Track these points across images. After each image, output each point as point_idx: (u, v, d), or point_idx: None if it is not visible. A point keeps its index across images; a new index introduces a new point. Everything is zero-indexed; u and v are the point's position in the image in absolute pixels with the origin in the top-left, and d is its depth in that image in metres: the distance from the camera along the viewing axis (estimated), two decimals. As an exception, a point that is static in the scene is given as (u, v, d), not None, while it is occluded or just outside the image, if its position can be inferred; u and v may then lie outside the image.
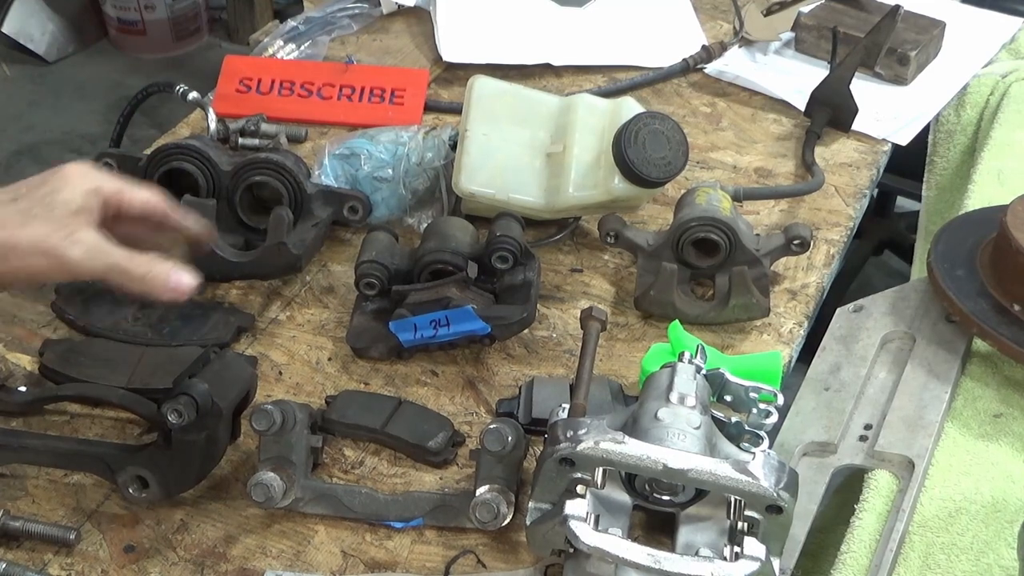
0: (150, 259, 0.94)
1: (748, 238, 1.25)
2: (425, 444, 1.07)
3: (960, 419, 1.12)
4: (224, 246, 1.25)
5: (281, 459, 1.01)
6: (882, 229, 2.81)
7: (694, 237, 1.23)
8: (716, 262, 1.24)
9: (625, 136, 1.25)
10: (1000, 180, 1.43)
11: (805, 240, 1.25)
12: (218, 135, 1.47)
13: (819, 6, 1.74)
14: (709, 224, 1.22)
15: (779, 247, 1.26)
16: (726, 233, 1.22)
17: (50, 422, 1.12)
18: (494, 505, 0.98)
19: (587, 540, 0.86)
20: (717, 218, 1.22)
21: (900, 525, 1.00)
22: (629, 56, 1.72)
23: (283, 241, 1.24)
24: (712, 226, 1.22)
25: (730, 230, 1.22)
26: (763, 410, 1.00)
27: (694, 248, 1.24)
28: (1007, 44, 1.73)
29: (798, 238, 1.25)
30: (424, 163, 1.35)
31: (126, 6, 3.85)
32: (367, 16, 1.81)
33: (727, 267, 1.24)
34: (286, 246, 1.24)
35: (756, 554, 0.86)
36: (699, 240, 1.23)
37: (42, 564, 0.99)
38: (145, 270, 0.93)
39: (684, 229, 1.23)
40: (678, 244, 1.24)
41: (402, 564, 1.00)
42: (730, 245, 1.22)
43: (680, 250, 1.24)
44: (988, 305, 1.16)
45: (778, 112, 1.62)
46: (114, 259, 0.93)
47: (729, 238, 1.22)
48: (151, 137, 1.61)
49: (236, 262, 1.25)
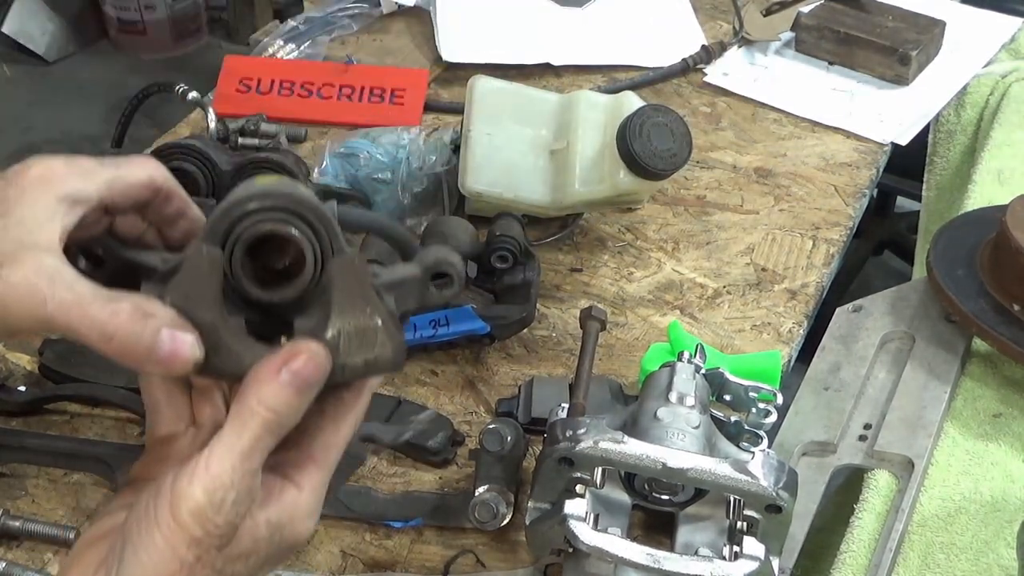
0: (128, 307, 0.60)
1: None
2: (425, 444, 1.07)
3: (960, 419, 1.12)
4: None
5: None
6: (882, 229, 2.81)
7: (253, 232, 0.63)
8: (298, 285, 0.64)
9: (630, 130, 1.24)
10: (1000, 180, 1.43)
11: (452, 273, 0.67)
12: (218, 135, 1.47)
13: (819, 6, 1.74)
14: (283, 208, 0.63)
15: (411, 280, 0.67)
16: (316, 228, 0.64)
17: (50, 422, 1.12)
18: (493, 505, 0.98)
19: (586, 540, 0.86)
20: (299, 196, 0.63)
21: (899, 525, 1.00)
22: (629, 56, 1.72)
23: (283, 241, 1.24)
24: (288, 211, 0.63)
25: (325, 224, 0.64)
26: (762, 409, 1.00)
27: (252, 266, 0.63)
28: (1007, 44, 1.73)
29: (443, 271, 0.68)
30: (426, 167, 1.35)
31: (126, 6, 3.85)
32: (367, 16, 1.81)
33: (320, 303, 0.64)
34: (286, 246, 1.24)
35: (755, 553, 0.86)
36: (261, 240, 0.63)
37: (42, 564, 0.99)
38: (112, 332, 0.59)
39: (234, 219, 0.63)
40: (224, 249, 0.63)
41: (401, 564, 1.00)
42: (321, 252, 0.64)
43: (230, 264, 0.63)
44: (988, 305, 1.16)
45: (778, 112, 1.62)
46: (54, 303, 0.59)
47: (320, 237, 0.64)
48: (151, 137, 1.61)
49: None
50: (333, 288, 0.62)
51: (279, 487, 0.63)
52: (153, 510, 0.59)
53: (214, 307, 0.61)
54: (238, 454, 0.59)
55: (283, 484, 0.63)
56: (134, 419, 1.11)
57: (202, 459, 0.59)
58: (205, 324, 0.61)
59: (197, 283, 0.61)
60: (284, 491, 0.63)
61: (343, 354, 0.62)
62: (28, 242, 0.60)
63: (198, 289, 0.61)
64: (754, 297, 1.29)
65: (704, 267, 1.34)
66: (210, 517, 0.58)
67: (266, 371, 0.60)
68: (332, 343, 0.61)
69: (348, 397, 0.65)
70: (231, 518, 0.59)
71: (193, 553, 0.58)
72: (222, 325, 0.61)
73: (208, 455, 0.59)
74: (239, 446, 0.59)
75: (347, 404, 0.65)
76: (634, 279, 1.32)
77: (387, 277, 0.66)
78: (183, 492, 0.58)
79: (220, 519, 0.59)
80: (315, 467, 0.64)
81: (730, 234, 1.39)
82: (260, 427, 0.60)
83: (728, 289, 1.31)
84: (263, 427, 0.60)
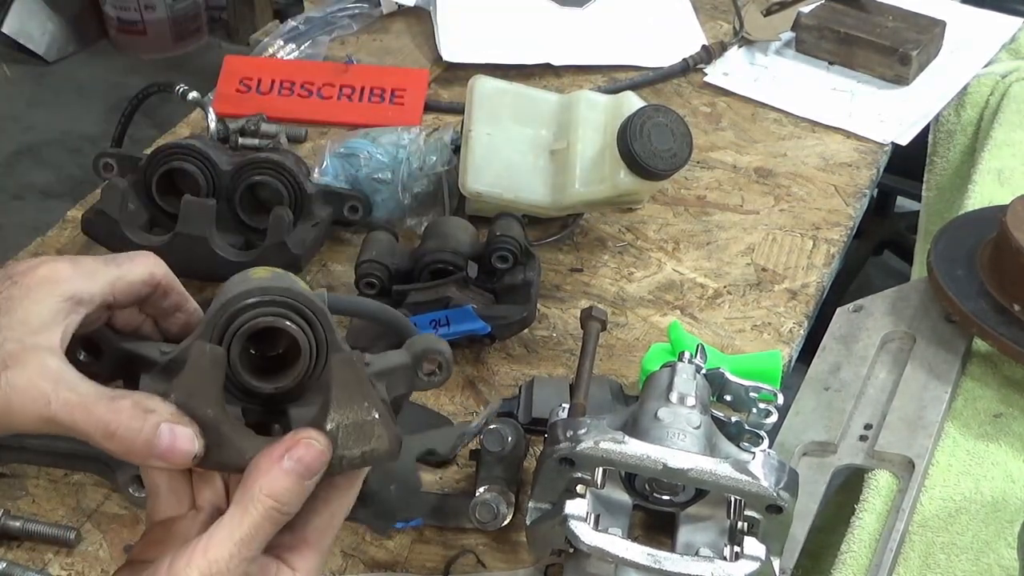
0: (129, 405, 0.62)
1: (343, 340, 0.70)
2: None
3: (960, 419, 1.12)
4: (224, 246, 1.25)
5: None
6: (882, 229, 2.81)
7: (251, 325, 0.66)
8: (293, 376, 0.68)
9: (630, 130, 1.24)
10: (1000, 180, 1.43)
11: (441, 361, 0.72)
12: (218, 135, 1.47)
13: (819, 6, 1.74)
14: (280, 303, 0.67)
15: (401, 368, 0.71)
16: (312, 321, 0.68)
17: (50, 422, 1.12)
18: (494, 505, 0.98)
19: (587, 540, 0.86)
20: (296, 292, 0.67)
21: (900, 525, 1.00)
22: (629, 56, 1.72)
23: (283, 241, 1.24)
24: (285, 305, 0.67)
25: (320, 317, 0.68)
26: (763, 410, 1.00)
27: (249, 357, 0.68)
28: (1007, 44, 1.73)
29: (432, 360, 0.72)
30: (426, 167, 1.35)
31: (126, 6, 3.85)
32: (367, 16, 1.81)
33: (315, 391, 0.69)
34: (286, 246, 1.24)
35: (756, 554, 0.86)
36: (261, 337, 0.68)
37: (42, 564, 0.99)
38: (114, 430, 0.61)
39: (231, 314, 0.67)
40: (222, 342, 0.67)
41: (402, 564, 1.00)
42: (316, 344, 0.68)
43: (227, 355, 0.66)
44: (988, 305, 1.16)
45: (778, 112, 1.62)
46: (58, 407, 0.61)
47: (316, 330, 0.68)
48: (151, 137, 1.61)
49: (236, 262, 1.25)
50: (332, 383, 0.65)
51: (275, 570, 0.65)
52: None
53: (216, 403, 0.64)
54: (237, 541, 0.61)
55: (279, 567, 0.65)
56: (134, 419, 1.11)
57: (201, 543, 0.61)
58: (208, 420, 0.63)
59: (200, 381, 0.64)
60: (279, 574, 0.65)
61: (341, 447, 0.65)
62: (31, 343, 0.62)
63: (201, 387, 0.64)
64: (754, 297, 1.29)
65: (704, 267, 1.34)
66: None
67: (268, 459, 0.63)
68: (331, 436, 0.64)
69: (342, 483, 0.68)
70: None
71: None
72: (224, 420, 0.64)
73: (208, 540, 0.61)
74: (239, 533, 0.61)
75: (341, 490, 0.68)
76: (634, 279, 1.32)
77: (378, 366, 0.70)
78: (180, 575, 0.60)
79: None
80: (310, 551, 0.66)
81: (730, 234, 1.39)
82: (261, 516, 0.62)
83: (728, 289, 1.31)
84: (264, 516, 0.62)
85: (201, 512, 0.68)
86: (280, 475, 0.62)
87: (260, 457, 0.63)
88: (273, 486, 0.62)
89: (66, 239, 1.35)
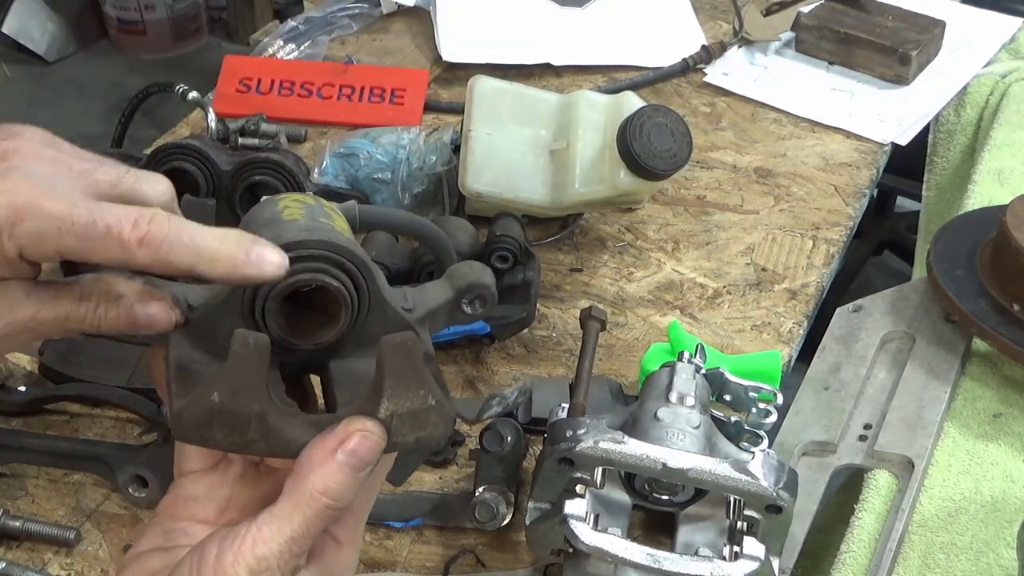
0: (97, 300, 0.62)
1: (388, 289, 0.65)
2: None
3: (960, 419, 1.12)
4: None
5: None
6: (882, 229, 2.81)
7: (290, 285, 0.61)
8: (334, 333, 0.63)
9: (630, 130, 1.24)
10: (1000, 180, 1.43)
11: (485, 295, 0.69)
12: (218, 135, 1.47)
13: (819, 6, 1.74)
14: (320, 257, 0.62)
15: (444, 305, 0.68)
16: (353, 274, 0.63)
17: (50, 422, 1.12)
18: (493, 505, 0.98)
19: (587, 540, 0.86)
20: (337, 245, 0.62)
21: (900, 525, 1.00)
22: (629, 56, 1.72)
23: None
24: (325, 259, 0.62)
25: (362, 268, 0.63)
26: (763, 409, 1.00)
27: (286, 309, 0.62)
28: (1007, 44, 1.73)
29: (476, 294, 0.69)
30: (426, 167, 1.35)
31: (126, 6, 3.85)
32: (367, 16, 1.81)
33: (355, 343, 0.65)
34: (286, 246, 1.24)
35: (755, 553, 0.86)
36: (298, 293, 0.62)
37: (42, 564, 0.99)
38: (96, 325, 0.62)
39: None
40: (254, 304, 0.62)
41: (402, 564, 1.00)
42: (358, 298, 0.63)
43: (261, 315, 0.62)
44: (988, 305, 1.16)
45: (778, 112, 1.62)
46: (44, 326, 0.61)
47: (357, 283, 0.63)
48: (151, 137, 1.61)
49: (236, 262, 1.25)
50: (385, 369, 0.60)
51: (320, 544, 0.62)
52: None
53: (263, 395, 0.60)
54: (288, 539, 0.58)
55: (323, 540, 0.62)
56: (134, 419, 1.11)
57: (249, 537, 0.58)
58: (255, 415, 0.59)
59: (246, 377, 0.59)
60: (325, 548, 0.62)
61: (395, 434, 0.61)
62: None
63: (247, 383, 0.59)
64: (754, 297, 1.30)
65: (704, 267, 1.34)
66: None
67: (322, 452, 0.59)
68: (385, 423, 0.61)
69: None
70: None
71: None
72: (271, 410, 0.60)
73: (257, 533, 0.58)
74: (289, 530, 0.59)
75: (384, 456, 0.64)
76: (634, 279, 1.32)
77: (421, 309, 0.66)
78: (227, 571, 0.57)
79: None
80: (355, 520, 0.64)
81: (730, 234, 1.39)
82: (314, 513, 0.59)
83: (728, 289, 1.31)
84: (318, 514, 0.59)
85: (232, 466, 0.66)
86: (334, 470, 0.59)
87: (313, 449, 0.59)
88: (328, 483, 0.59)
89: (66, 239, 1.35)
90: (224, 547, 0.58)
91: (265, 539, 0.58)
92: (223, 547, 0.58)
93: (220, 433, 0.59)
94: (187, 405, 0.59)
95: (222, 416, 0.59)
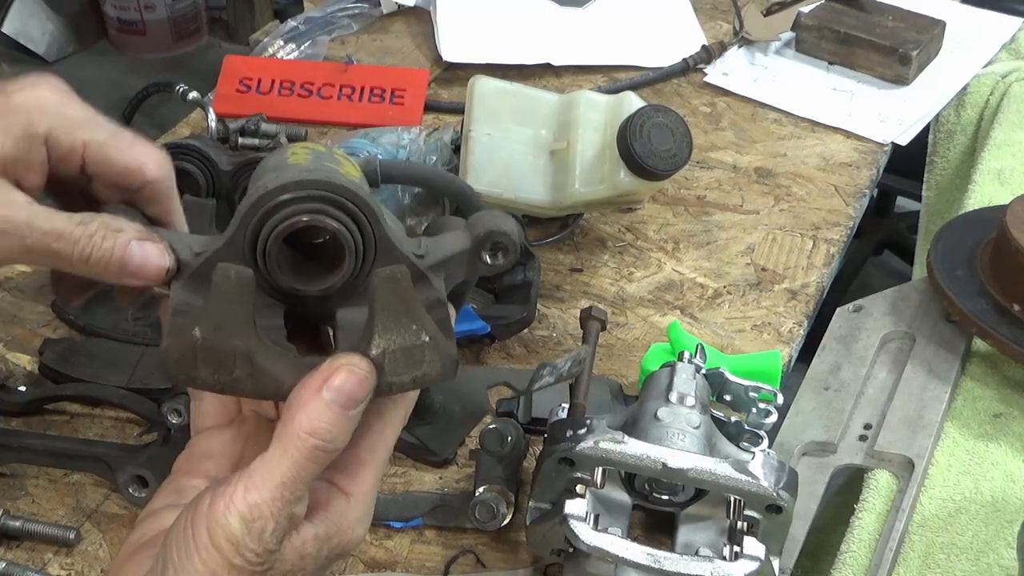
0: (97, 227, 0.62)
1: (399, 234, 0.63)
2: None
3: (960, 419, 1.12)
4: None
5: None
6: (882, 229, 2.81)
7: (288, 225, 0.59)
8: (338, 279, 0.61)
9: (630, 130, 1.24)
10: (1000, 180, 1.43)
11: (508, 245, 0.66)
12: (218, 135, 1.47)
13: (819, 6, 1.74)
14: (320, 197, 0.59)
15: (462, 254, 0.65)
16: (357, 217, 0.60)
17: (50, 422, 1.12)
18: (493, 505, 0.98)
19: (587, 540, 0.86)
20: (338, 184, 0.60)
21: (900, 525, 1.00)
22: (629, 56, 1.72)
23: (283, 241, 1.24)
24: (325, 200, 0.59)
25: (366, 210, 0.60)
26: (763, 409, 1.00)
27: (288, 253, 0.61)
28: (1007, 44, 1.73)
29: (495, 244, 0.65)
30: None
31: (126, 6, 3.85)
32: (367, 16, 1.81)
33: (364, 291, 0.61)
34: (286, 246, 1.24)
35: (755, 553, 0.86)
36: (300, 232, 0.60)
37: (42, 564, 0.99)
38: (87, 251, 0.61)
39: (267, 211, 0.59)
40: (255, 245, 0.60)
41: (402, 564, 1.00)
42: (363, 242, 0.61)
43: (263, 259, 0.60)
44: (988, 305, 1.16)
45: (778, 112, 1.62)
46: (33, 240, 0.61)
47: (362, 226, 0.61)
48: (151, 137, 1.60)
49: (236, 262, 1.25)
50: (375, 304, 0.58)
51: (325, 496, 0.60)
52: (191, 532, 0.56)
53: (247, 332, 0.58)
54: (279, 483, 0.56)
55: (330, 492, 0.60)
56: (134, 419, 1.11)
57: (240, 485, 0.57)
58: (240, 352, 0.58)
59: (228, 311, 0.58)
60: (331, 501, 0.60)
61: (389, 372, 0.58)
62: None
63: (229, 317, 0.58)
64: (754, 297, 1.30)
65: (704, 267, 1.34)
66: (248, 546, 0.56)
67: (307, 392, 0.57)
68: (377, 362, 0.58)
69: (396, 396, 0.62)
70: (270, 547, 0.57)
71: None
72: (257, 348, 0.58)
73: (248, 480, 0.57)
74: (279, 475, 0.56)
75: (394, 401, 0.62)
76: (634, 279, 1.32)
77: (434, 256, 0.62)
78: (219, 519, 0.56)
79: (259, 548, 0.56)
80: (363, 470, 0.61)
81: (730, 234, 1.39)
82: (304, 456, 0.57)
83: (728, 289, 1.31)
84: (307, 455, 0.57)
85: (247, 423, 0.64)
86: (320, 408, 0.56)
87: (300, 389, 0.57)
88: (314, 422, 0.56)
89: (66, 239, 1.35)
90: (216, 496, 0.57)
91: (256, 485, 0.56)
92: (215, 496, 0.57)
93: (205, 370, 0.58)
94: (172, 343, 0.58)
95: (205, 352, 0.57)
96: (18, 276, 1.28)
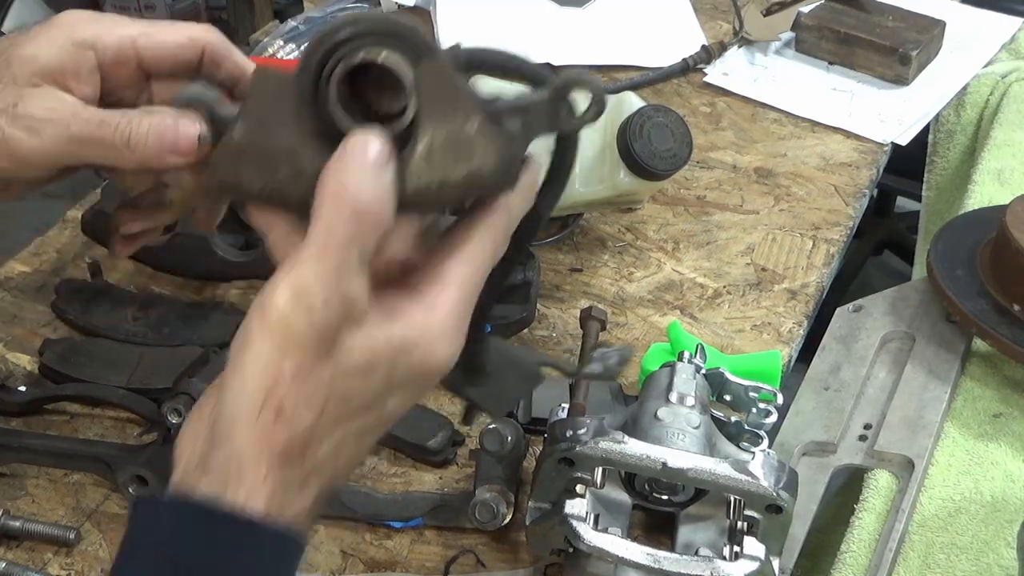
0: (137, 112, 0.66)
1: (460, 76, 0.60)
2: (425, 443, 1.07)
3: (960, 419, 1.12)
4: (224, 246, 1.25)
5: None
6: (882, 229, 2.81)
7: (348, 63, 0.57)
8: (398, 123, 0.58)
9: (630, 130, 1.24)
10: (1000, 180, 1.43)
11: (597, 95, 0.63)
12: (218, 135, 1.47)
13: (819, 6, 1.74)
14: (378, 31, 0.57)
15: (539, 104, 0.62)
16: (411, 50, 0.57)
17: (50, 422, 1.12)
18: (493, 505, 0.98)
19: (587, 540, 0.86)
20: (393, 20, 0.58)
21: (900, 525, 1.00)
22: (629, 56, 1.72)
23: (283, 241, 1.24)
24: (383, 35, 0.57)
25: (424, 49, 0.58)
26: (763, 409, 1.00)
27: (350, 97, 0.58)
28: (1007, 44, 1.73)
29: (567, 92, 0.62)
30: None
31: (126, 6, 3.84)
32: (367, 16, 1.80)
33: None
34: (286, 246, 1.24)
35: (755, 553, 0.86)
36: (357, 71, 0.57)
37: (42, 564, 0.99)
38: (127, 132, 0.65)
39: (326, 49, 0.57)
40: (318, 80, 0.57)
41: (401, 564, 1.00)
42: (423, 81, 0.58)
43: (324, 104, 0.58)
44: (988, 305, 1.16)
45: (778, 112, 1.62)
46: (78, 127, 0.65)
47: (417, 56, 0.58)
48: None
49: (236, 262, 1.25)
50: (420, 97, 0.55)
51: (406, 304, 0.58)
52: (247, 325, 0.55)
53: (291, 129, 0.55)
54: (319, 249, 0.54)
55: (411, 301, 0.58)
56: (134, 419, 1.11)
57: (287, 264, 0.55)
58: (283, 149, 0.55)
59: (268, 107, 0.55)
60: (411, 309, 0.58)
61: (438, 168, 0.55)
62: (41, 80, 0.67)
63: (271, 113, 0.55)
64: (754, 297, 1.29)
65: (704, 267, 1.34)
66: (298, 319, 0.54)
67: (332, 163, 0.56)
68: (423, 157, 0.55)
69: (477, 212, 0.60)
70: (323, 322, 0.54)
71: (289, 363, 0.54)
72: (302, 149, 0.55)
73: (295, 257, 0.55)
74: (320, 241, 0.54)
75: (478, 218, 0.60)
76: (634, 279, 1.32)
77: (510, 101, 0.59)
78: (268, 301, 0.55)
79: (309, 325, 0.54)
80: (450, 282, 0.58)
81: (730, 234, 1.39)
82: (338, 217, 0.54)
83: (728, 289, 1.31)
84: (341, 217, 0.54)
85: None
86: (343, 165, 0.54)
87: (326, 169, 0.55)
88: (341, 179, 0.54)
89: (66, 239, 1.35)
90: (267, 284, 0.56)
91: (302, 259, 0.55)
92: (266, 285, 0.56)
93: (251, 172, 0.56)
94: (219, 150, 0.57)
95: (249, 149, 0.56)
96: (18, 276, 1.29)
